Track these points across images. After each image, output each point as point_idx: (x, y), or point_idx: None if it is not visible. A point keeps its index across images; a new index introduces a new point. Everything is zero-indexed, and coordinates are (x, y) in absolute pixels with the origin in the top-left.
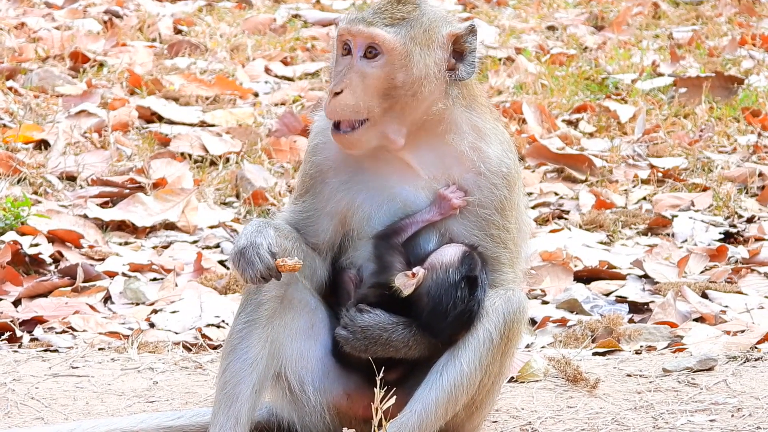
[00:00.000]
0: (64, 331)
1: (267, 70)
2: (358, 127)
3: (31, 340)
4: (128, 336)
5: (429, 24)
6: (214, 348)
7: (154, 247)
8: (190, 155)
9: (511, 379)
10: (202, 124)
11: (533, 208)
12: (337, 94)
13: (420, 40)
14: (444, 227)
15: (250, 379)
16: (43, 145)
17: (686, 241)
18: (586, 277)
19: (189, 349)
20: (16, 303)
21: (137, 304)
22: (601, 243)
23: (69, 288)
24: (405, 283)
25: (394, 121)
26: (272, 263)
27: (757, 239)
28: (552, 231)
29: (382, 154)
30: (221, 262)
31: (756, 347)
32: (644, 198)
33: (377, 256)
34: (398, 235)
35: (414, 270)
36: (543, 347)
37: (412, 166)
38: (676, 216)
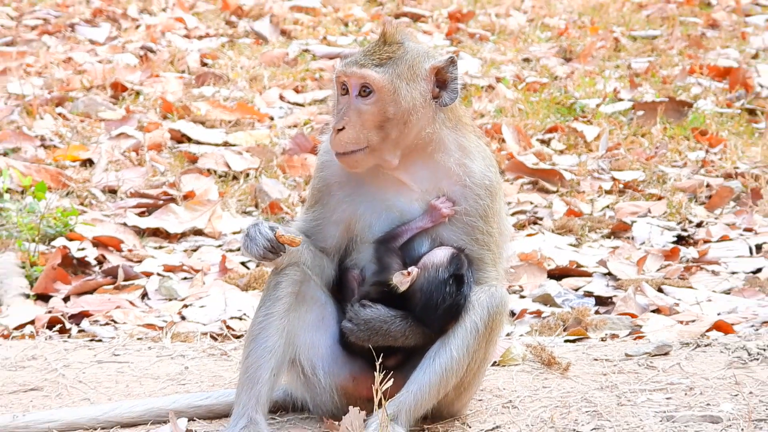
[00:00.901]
0: (107, 324)
1: (281, 97)
2: (357, 150)
3: (79, 331)
4: (163, 327)
5: (412, 60)
6: (237, 337)
7: (184, 251)
8: (215, 171)
9: (494, 364)
10: (226, 144)
11: (512, 215)
12: (339, 130)
13: (405, 75)
14: (435, 233)
15: (269, 365)
16: (88, 162)
17: (644, 243)
18: (558, 274)
19: (215, 339)
20: (66, 299)
21: (170, 300)
22: (571, 245)
23: (111, 286)
24: (401, 281)
25: (389, 147)
26: (272, 235)
27: (705, 241)
28: (528, 235)
29: (380, 171)
30: (243, 263)
31: (705, 335)
32: (607, 206)
33: (377, 258)
34: (395, 240)
35: (409, 269)
36: (521, 335)
37: (406, 182)
38: (635, 222)
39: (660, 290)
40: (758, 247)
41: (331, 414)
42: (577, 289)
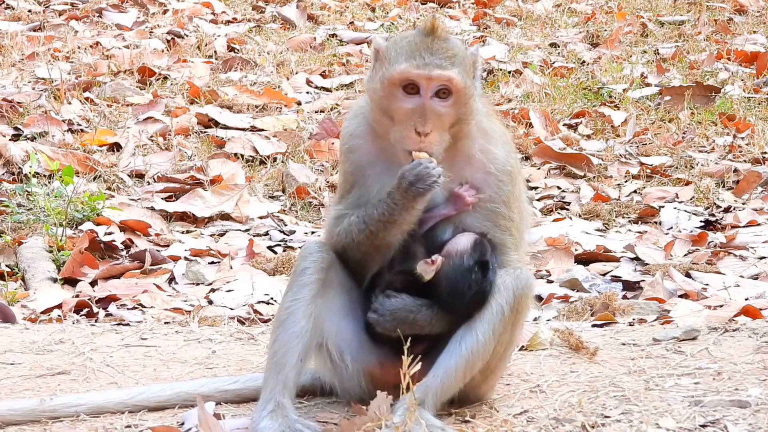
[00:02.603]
0: (134, 308)
1: (308, 82)
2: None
3: (106, 315)
4: (190, 312)
5: (468, 55)
6: (265, 322)
7: (211, 235)
8: (242, 155)
9: (521, 348)
10: (253, 129)
11: (539, 200)
12: (426, 134)
13: (469, 72)
14: (458, 220)
15: (296, 350)
16: (115, 147)
17: (672, 228)
18: (585, 259)
19: (243, 323)
20: (93, 284)
21: (197, 284)
22: (598, 230)
23: (138, 270)
24: (426, 269)
25: (446, 144)
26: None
27: (733, 226)
28: (555, 220)
29: (408, 157)
30: (270, 248)
31: (733, 319)
32: (635, 191)
33: (401, 245)
34: (419, 227)
35: (433, 258)
36: (549, 320)
37: None
38: (663, 207)
39: (688, 275)
40: None
41: (359, 398)
42: (604, 274)
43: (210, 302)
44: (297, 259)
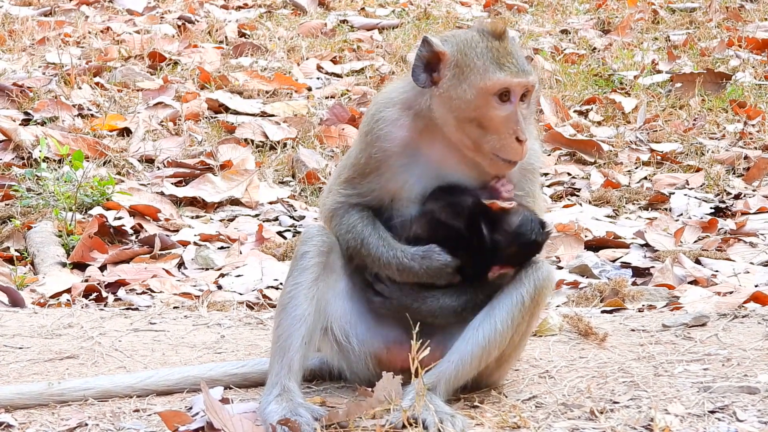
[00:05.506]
0: (143, 293)
1: (319, 68)
2: None
3: (115, 300)
4: (199, 296)
5: None
6: (273, 307)
7: (221, 220)
8: (252, 141)
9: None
10: (263, 114)
11: (549, 186)
12: (524, 142)
13: None
14: None
15: (299, 333)
16: (125, 132)
17: (682, 214)
18: (595, 245)
19: (251, 308)
20: (102, 268)
21: (207, 269)
22: (608, 216)
23: (148, 255)
24: (502, 203)
25: None
26: None
27: (743, 213)
28: (565, 206)
29: (440, 144)
30: (280, 233)
31: (743, 306)
32: (645, 178)
33: (449, 203)
34: (460, 194)
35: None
36: (558, 306)
37: (473, 163)
38: (673, 193)
39: (697, 262)
40: None
41: (368, 382)
42: (614, 260)
43: (219, 287)
44: (298, 244)
